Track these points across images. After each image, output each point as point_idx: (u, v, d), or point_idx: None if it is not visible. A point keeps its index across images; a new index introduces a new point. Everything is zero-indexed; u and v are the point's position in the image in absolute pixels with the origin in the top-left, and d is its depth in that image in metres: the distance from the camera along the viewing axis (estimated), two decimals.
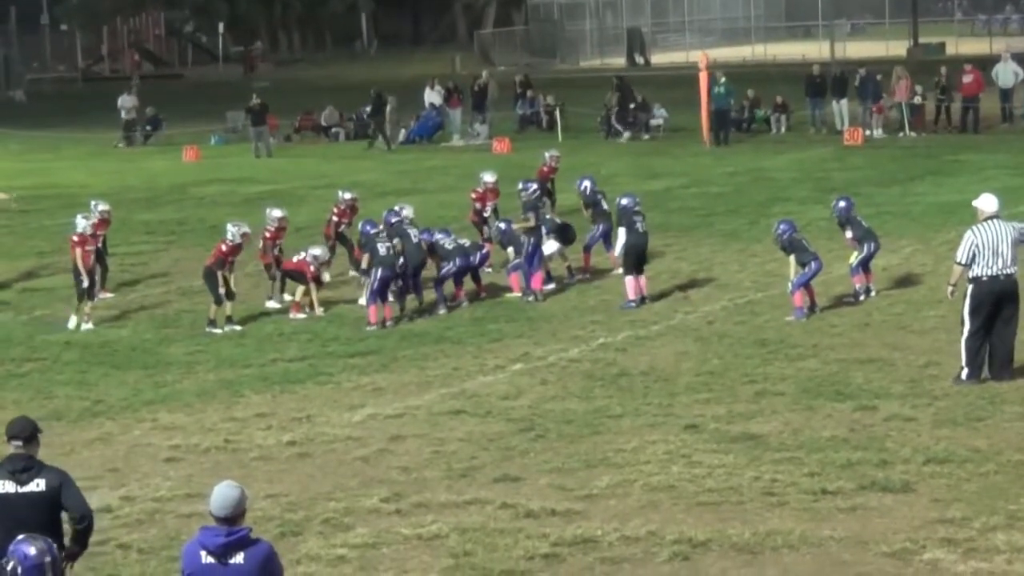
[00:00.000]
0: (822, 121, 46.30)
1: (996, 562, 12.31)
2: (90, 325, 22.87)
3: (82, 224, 23.33)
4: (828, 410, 16.88)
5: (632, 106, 47.68)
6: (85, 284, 22.85)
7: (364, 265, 22.80)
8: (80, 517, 10.41)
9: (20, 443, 10.46)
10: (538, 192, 24.88)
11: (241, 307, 23.41)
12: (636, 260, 22.96)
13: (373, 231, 22.88)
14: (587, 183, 25.44)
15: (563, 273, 25.00)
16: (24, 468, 10.38)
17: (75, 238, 23.22)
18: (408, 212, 23.73)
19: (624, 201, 23.30)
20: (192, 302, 24.22)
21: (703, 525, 13.37)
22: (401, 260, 22.70)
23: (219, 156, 47.43)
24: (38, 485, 10.34)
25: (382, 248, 22.48)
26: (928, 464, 14.75)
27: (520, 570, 12.64)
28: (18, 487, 10.33)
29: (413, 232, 23.10)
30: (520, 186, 24.98)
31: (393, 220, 23.20)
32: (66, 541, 10.53)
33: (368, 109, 49.12)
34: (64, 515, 10.53)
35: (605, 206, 25.41)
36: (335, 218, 26.21)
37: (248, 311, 23.53)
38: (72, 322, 22.90)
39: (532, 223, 23.72)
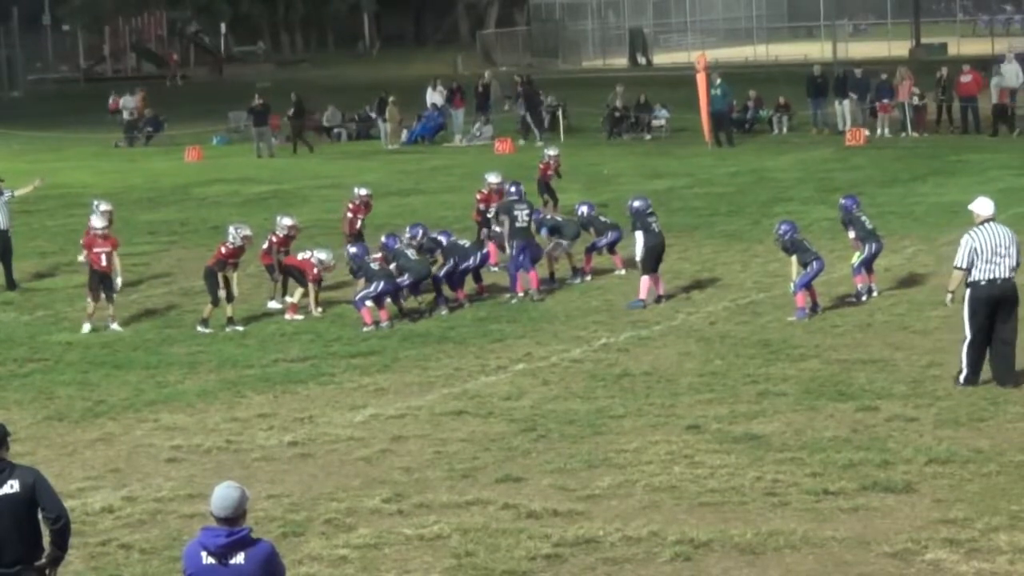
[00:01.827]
0: (824, 121, 46.32)
1: (998, 563, 12.30)
2: (116, 326, 22.85)
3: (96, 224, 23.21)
4: (830, 410, 16.87)
5: (540, 107, 48.50)
6: (120, 283, 22.93)
7: (360, 292, 22.48)
8: (56, 517, 10.22)
9: None
10: (516, 197, 24.78)
11: (243, 308, 23.41)
12: (656, 260, 23.04)
13: (364, 256, 22.78)
14: (584, 208, 25.35)
15: (567, 273, 25.00)
16: None
17: (83, 241, 23.17)
18: (412, 234, 23.48)
19: (636, 204, 23.24)
20: (194, 302, 24.20)
21: (705, 525, 13.36)
22: (405, 277, 22.65)
23: (221, 156, 47.45)
24: (12, 486, 10.15)
25: (375, 265, 22.47)
26: (930, 464, 14.74)
27: (522, 570, 12.63)
28: None
29: (411, 252, 23.00)
30: (506, 187, 25.15)
31: (394, 246, 23.10)
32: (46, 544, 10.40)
33: (291, 112, 48.97)
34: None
35: (605, 219, 25.39)
36: (350, 214, 26.24)
37: (250, 312, 23.53)
38: (86, 327, 22.69)
39: (505, 227, 23.76)
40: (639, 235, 22.97)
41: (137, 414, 18.06)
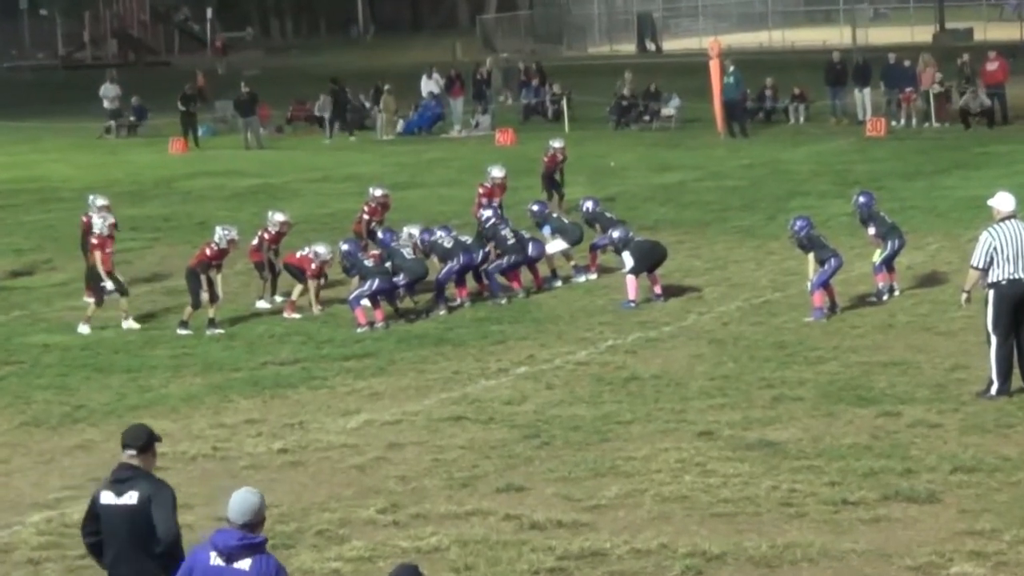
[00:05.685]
0: (843, 111, 46.32)
1: None
2: (132, 322, 22.85)
3: (99, 225, 23.14)
4: (849, 416, 16.88)
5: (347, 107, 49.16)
6: (110, 287, 22.69)
7: (355, 291, 22.51)
8: (159, 539, 10.18)
9: (134, 452, 10.37)
10: (493, 220, 24.66)
11: (230, 307, 23.43)
12: (651, 266, 23.14)
13: (357, 252, 22.85)
14: (589, 204, 25.35)
15: (569, 271, 25.04)
16: (124, 479, 10.31)
17: (95, 240, 23.07)
18: (412, 232, 23.55)
19: (616, 234, 23.45)
20: (178, 302, 24.18)
21: (718, 537, 13.37)
22: (401, 276, 22.70)
23: (207, 148, 47.48)
24: (131, 497, 10.24)
25: (369, 262, 22.52)
26: (955, 473, 14.75)
27: None
28: (116, 498, 10.28)
29: (407, 251, 23.02)
30: (483, 216, 24.93)
31: (391, 243, 23.17)
32: None
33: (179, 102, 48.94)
34: None
35: (611, 215, 25.41)
36: (366, 216, 26.04)
37: (238, 312, 23.54)
38: (84, 328, 22.60)
39: (500, 251, 23.74)
40: (626, 255, 23.04)
41: (119, 420, 18.03)
